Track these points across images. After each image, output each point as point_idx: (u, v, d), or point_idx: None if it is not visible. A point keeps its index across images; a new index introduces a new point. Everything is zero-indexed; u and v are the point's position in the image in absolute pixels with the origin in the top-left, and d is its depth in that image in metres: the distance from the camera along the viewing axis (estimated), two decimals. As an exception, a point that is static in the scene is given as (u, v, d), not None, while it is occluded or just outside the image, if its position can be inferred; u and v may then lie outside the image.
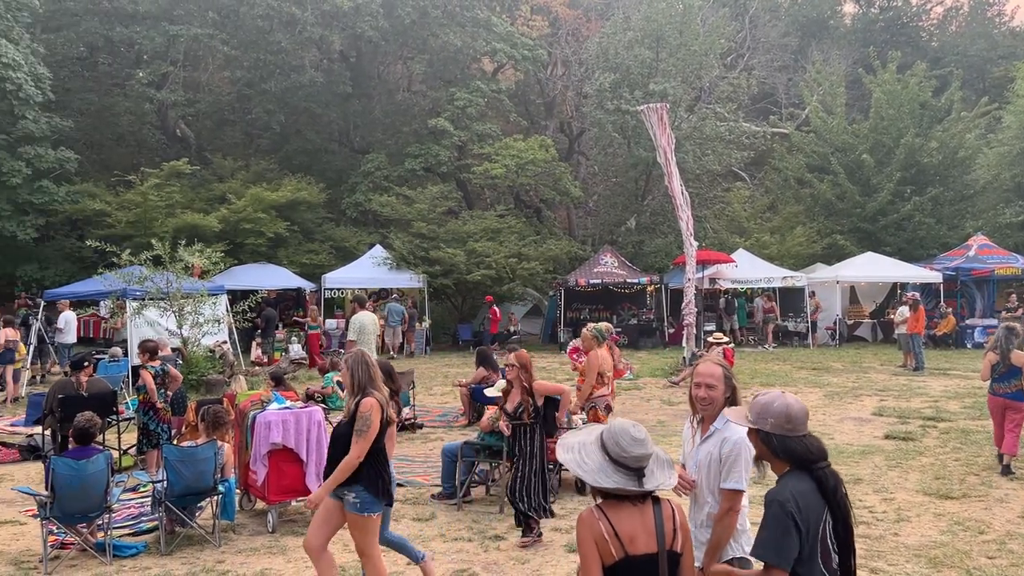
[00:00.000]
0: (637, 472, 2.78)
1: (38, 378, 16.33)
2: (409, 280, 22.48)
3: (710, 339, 14.00)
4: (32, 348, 15.81)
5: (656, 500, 2.83)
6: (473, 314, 25.17)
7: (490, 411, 8.08)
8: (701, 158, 25.75)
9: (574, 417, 8.75)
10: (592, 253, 25.52)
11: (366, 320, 11.41)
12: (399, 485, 8.44)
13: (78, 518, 6.34)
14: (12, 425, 12.03)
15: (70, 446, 6.79)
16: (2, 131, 23.58)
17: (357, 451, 4.78)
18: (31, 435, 10.70)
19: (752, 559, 3.50)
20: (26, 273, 24.19)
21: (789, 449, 2.98)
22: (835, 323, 23.11)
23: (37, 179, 23.77)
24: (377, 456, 4.92)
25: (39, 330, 16.40)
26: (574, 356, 11.68)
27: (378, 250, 23.32)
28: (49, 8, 27.13)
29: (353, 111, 30.11)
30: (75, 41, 29.67)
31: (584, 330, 8.59)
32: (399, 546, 5.63)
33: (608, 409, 8.40)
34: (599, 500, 2.83)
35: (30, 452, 10.11)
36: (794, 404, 3.04)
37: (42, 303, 17.09)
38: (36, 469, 9.01)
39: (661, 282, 23.34)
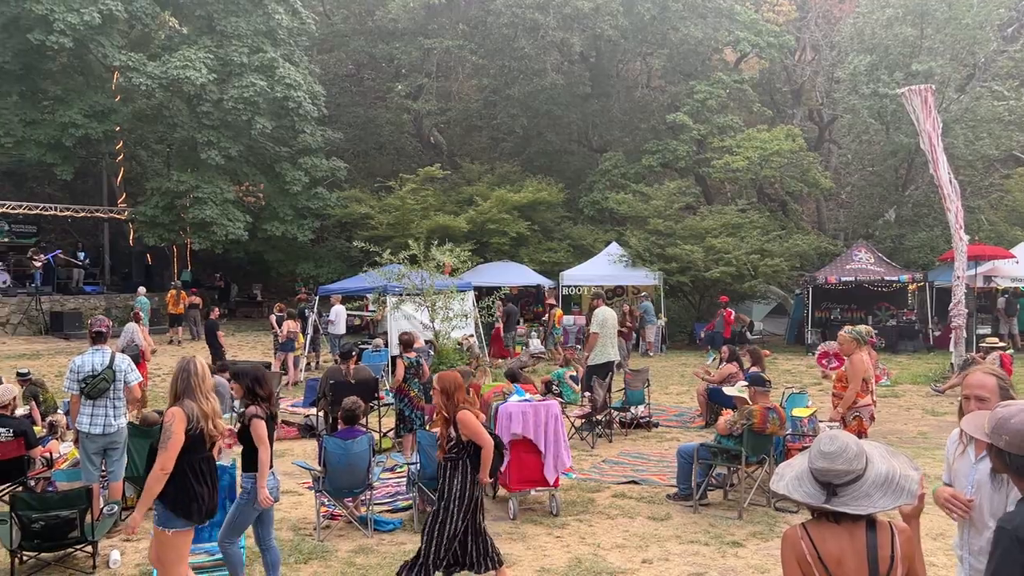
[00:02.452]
0: (825, 487, 2.60)
1: (313, 365, 18.16)
2: (644, 277, 22.36)
3: (983, 343, 12.56)
4: (309, 338, 17.70)
5: (872, 523, 2.61)
6: (711, 312, 24.55)
7: (726, 414, 7.89)
8: (974, 142, 23.13)
9: (821, 424, 8.28)
10: (844, 248, 23.81)
11: (608, 314, 11.64)
12: (632, 483, 8.51)
13: (345, 492, 7.05)
14: (292, 406, 13.58)
15: (339, 427, 7.56)
16: (285, 144, 26.79)
17: (159, 463, 4.55)
18: (308, 416, 12.08)
19: None
20: (304, 271, 27.32)
21: None
22: None
23: (313, 186, 26.78)
24: (185, 471, 4.62)
25: (314, 322, 18.30)
26: (823, 362, 10.93)
27: (614, 247, 23.44)
28: (323, 32, 30.39)
29: (592, 111, 30.53)
30: (344, 60, 33.08)
31: (841, 332, 8.01)
32: (232, 566, 5.32)
33: (872, 419, 7.77)
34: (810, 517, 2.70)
35: (307, 431, 11.41)
36: None
37: (317, 298, 19.08)
38: (311, 446, 10.09)
39: (925, 280, 21.30)
